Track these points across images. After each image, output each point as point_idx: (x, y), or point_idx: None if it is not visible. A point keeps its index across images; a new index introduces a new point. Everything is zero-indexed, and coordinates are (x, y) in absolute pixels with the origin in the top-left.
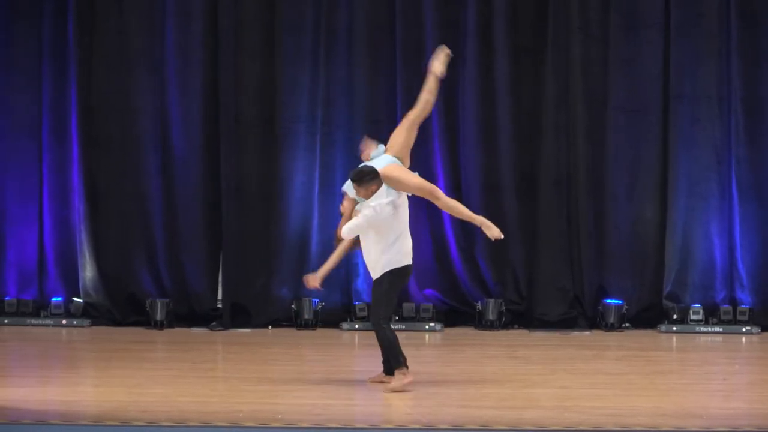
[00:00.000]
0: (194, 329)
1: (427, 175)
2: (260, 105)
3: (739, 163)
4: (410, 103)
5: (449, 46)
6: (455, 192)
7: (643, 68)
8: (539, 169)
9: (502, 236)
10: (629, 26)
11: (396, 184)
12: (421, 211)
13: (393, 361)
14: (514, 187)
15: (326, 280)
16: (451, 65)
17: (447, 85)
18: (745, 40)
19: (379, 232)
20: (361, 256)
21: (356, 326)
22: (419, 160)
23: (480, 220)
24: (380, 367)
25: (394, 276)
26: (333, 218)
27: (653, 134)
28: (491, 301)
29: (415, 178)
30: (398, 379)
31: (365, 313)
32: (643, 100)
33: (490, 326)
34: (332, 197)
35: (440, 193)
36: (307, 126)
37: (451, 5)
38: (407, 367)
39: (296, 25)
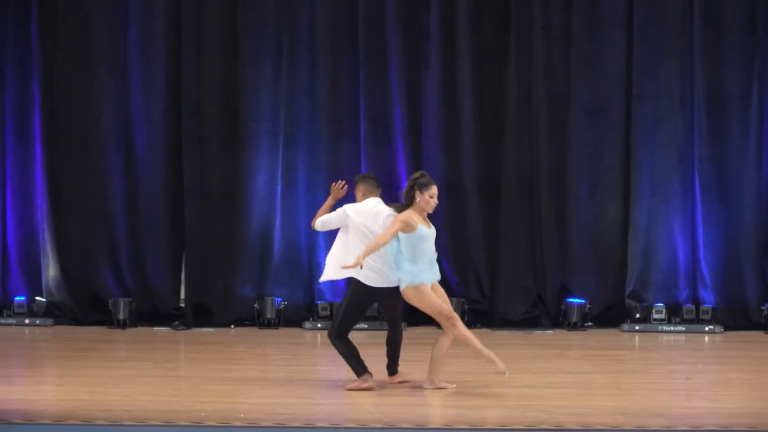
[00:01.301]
0: (157, 328)
1: (390, 176)
2: (223, 105)
3: (702, 162)
4: (373, 103)
5: (411, 48)
6: None
7: (606, 68)
8: (502, 170)
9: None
10: (592, 27)
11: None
12: None
13: (352, 370)
14: (477, 187)
15: (289, 280)
16: (414, 67)
17: (410, 87)
18: (707, 39)
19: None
20: (324, 257)
21: (319, 325)
22: (382, 161)
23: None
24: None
25: (360, 290)
26: (296, 217)
27: (616, 134)
28: (454, 301)
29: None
30: (355, 385)
31: (328, 312)
32: (605, 100)
33: None
34: (295, 196)
35: None
36: (270, 126)
37: (414, 7)
38: (368, 374)
39: (259, 25)
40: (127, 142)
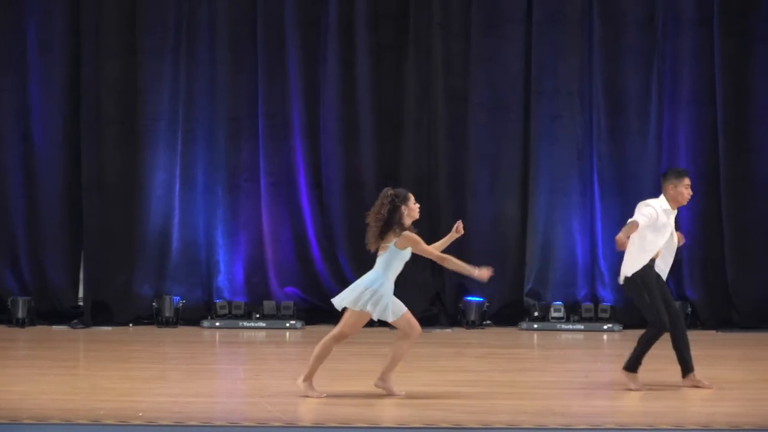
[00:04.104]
0: (56, 327)
1: (289, 172)
2: (121, 102)
3: (601, 159)
4: (271, 100)
5: (311, 44)
6: (316, 189)
7: (505, 65)
8: (400, 167)
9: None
10: (491, 22)
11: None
12: (282, 209)
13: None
14: (375, 184)
15: (188, 278)
16: (313, 63)
17: (308, 82)
18: (606, 36)
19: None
20: (223, 255)
21: (216, 324)
22: (281, 158)
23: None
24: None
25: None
26: (194, 215)
27: (514, 131)
28: None
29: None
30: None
31: (226, 311)
32: (504, 96)
33: None
34: (193, 194)
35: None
36: (169, 123)
37: (312, 3)
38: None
39: (158, 23)
40: (26, 139)
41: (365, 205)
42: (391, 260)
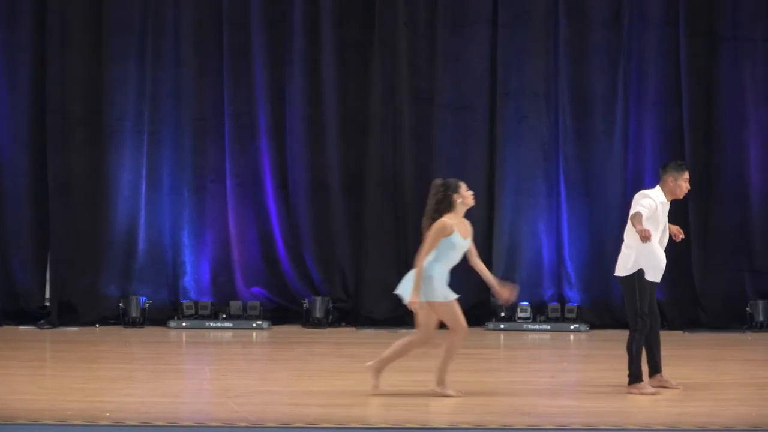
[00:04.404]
0: (22, 327)
1: (255, 172)
2: (87, 103)
3: (567, 160)
4: (237, 101)
5: (276, 44)
6: (282, 190)
7: (471, 65)
8: (366, 167)
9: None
10: (456, 23)
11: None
12: (248, 209)
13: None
14: (341, 184)
15: (154, 279)
16: (279, 64)
17: (274, 83)
18: (572, 37)
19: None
20: (189, 255)
21: (183, 324)
22: (247, 159)
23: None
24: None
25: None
26: (160, 216)
27: (480, 132)
28: (318, 299)
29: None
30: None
31: (192, 311)
32: (470, 97)
33: (318, 324)
34: (159, 195)
35: None
36: (134, 124)
37: (278, 3)
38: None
39: (124, 23)
40: None
41: (332, 206)
42: (441, 248)
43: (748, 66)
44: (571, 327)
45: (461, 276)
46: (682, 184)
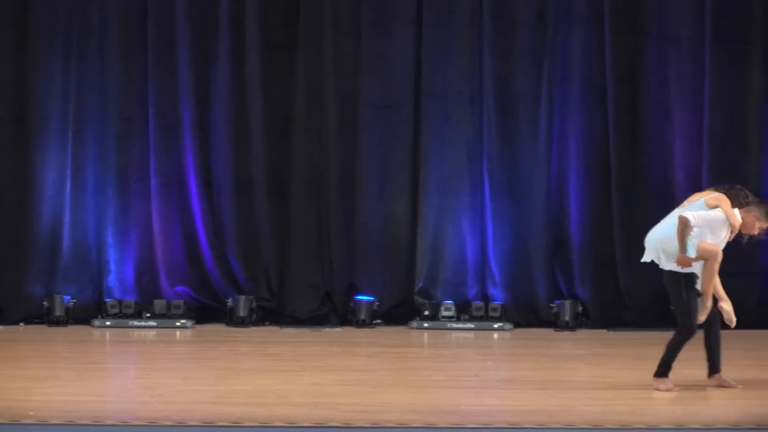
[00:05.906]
0: None
1: (179, 172)
2: (11, 102)
3: (491, 159)
4: (162, 100)
5: (201, 43)
6: (206, 189)
7: (395, 64)
8: (291, 166)
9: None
10: (381, 22)
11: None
12: (173, 209)
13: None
14: (266, 183)
15: (78, 278)
16: (203, 62)
17: (199, 82)
18: (497, 37)
19: None
20: (114, 254)
21: (107, 323)
22: (171, 158)
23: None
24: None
25: None
26: (84, 215)
27: (405, 131)
28: (242, 298)
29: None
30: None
31: (116, 310)
32: (394, 96)
33: (241, 323)
34: (84, 194)
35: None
36: (59, 123)
37: (203, 2)
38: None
39: (48, 22)
40: None
41: (256, 205)
42: None
43: (673, 64)
44: (495, 326)
45: (386, 275)
46: (760, 226)
